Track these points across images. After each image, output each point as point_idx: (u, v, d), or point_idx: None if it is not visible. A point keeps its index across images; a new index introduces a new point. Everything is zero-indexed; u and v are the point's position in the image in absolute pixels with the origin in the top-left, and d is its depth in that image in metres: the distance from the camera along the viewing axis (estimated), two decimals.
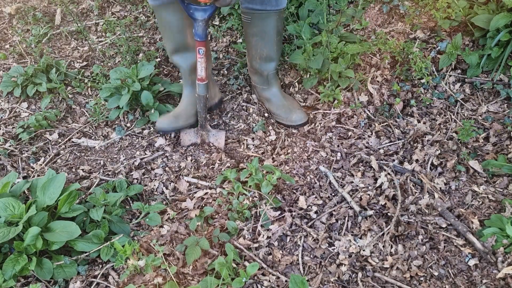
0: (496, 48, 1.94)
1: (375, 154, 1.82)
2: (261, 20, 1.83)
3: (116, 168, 1.90)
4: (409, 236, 1.54)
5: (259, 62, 1.99)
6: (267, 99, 2.09)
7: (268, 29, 1.86)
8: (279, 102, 2.06)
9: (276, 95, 2.07)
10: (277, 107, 2.06)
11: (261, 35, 1.88)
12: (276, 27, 1.86)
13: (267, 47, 1.93)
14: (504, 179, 1.67)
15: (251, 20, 1.84)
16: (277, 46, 1.93)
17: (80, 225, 1.54)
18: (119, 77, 2.07)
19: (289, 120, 2.02)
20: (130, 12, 2.77)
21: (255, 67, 2.02)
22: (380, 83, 2.09)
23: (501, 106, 1.93)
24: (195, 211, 1.63)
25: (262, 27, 1.85)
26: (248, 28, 1.88)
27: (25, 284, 1.47)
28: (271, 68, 2.00)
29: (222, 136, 1.97)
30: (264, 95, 2.10)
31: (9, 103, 2.28)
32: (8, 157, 1.97)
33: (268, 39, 1.89)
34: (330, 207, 1.65)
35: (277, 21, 1.84)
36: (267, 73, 2.02)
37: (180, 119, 1.99)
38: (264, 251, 1.51)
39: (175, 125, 1.98)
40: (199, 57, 1.72)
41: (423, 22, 2.21)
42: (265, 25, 1.84)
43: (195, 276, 1.44)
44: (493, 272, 1.41)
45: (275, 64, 1.99)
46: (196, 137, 1.98)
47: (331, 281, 1.43)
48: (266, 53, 1.95)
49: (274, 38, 1.89)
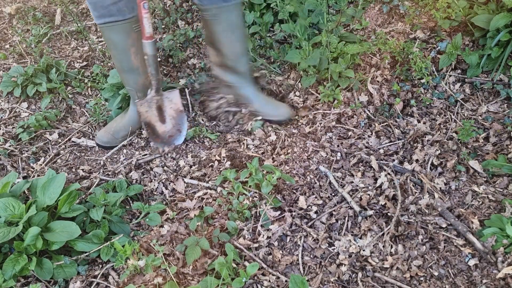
0: (496, 48, 1.94)
1: (375, 154, 1.82)
2: (229, 13, 1.78)
3: (116, 168, 1.90)
4: (409, 236, 1.54)
5: (233, 59, 1.93)
6: (247, 97, 2.04)
7: (237, 22, 1.82)
8: (262, 99, 2.04)
9: (256, 91, 2.05)
10: (262, 104, 2.03)
11: (232, 29, 1.82)
12: (242, 19, 1.85)
13: (239, 41, 1.88)
14: (504, 179, 1.67)
15: (218, 16, 1.78)
16: (246, 38, 1.91)
17: (80, 225, 1.54)
18: (116, 81, 2.07)
19: (279, 115, 2.00)
20: None
21: (229, 65, 1.96)
22: (380, 83, 2.09)
23: (501, 106, 1.93)
24: (195, 211, 1.63)
25: (231, 21, 1.80)
26: (215, 25, 1.82)
27: (25, 284, 1.47)
28: (246, 62, 1.97)
29: (176, 95, 1.92)
30: (244, 93, 2.04)
31: (9, 103, 2.28)
32: (8, 157, 1.97)
33: (239, 32, 1.85)
34: (330, 207, 1.65)
35: (241, 12, 1.82)
36: (243, 69, 1.97)
37: (119, 137, 1.99)
38: (264, 251, 1.51)
39: (114, 143, 2.00)
40: (144, 12, 1.66)
41: (423, 22, 2.21)
42: (234, 18, 1.80)
43: (195, 276, 1.44)
44: (493, 272, 1.41)
45: (247, 57, 1.97)
46: (151, 105, 1.90)
47: (331, 281, 1.43)
48: (239, 48, 1.89)
49: (243, 30, 1.87)
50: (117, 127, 2.00)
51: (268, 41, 2.38)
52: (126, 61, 1.81)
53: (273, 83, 2.19)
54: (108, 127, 2.03)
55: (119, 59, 1.82)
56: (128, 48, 1.77)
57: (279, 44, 2.41)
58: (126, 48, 1.77)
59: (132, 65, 1.82)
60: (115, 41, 1.76)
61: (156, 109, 1.90)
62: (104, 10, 1.65)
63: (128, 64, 1.82)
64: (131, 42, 1.76)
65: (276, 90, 2.17)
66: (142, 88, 1.90)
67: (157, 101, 1.90)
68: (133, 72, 1.85)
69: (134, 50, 1.78)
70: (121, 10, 1.67)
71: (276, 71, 2.29)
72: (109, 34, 1.74)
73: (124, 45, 1.76)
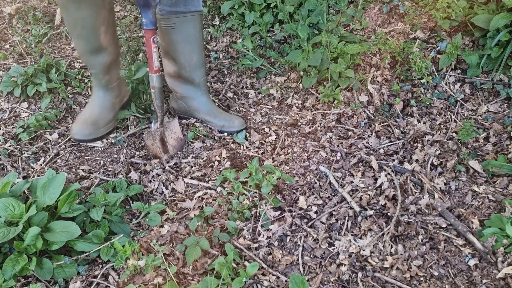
0: (496, 48, 1.94)
1: (375, 154, 1.82)
2: (187, 23, 1.77)
3: (116, 168, 1.90)
4: (409, 236, 1.54)
5: (189, 70, 1.91)
6: (199, 109, 2.03)
7: (194, 32, 1.81)
8: (216, 111, 2.03)
9: (209, 102, 2.03)
10: (215, 115, 2.02)
11: (188, 40, 1.81)
12: (201, 30, 1.83)
13: (196, 52, 1.86)
14: (504, 179, 1.67)
15: (176, 26, 1.76)
16: (203, 49, 1.90)
17: (80, 225, 1.54)
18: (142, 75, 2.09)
19: (232, 127, 2.00)
20: (130, 12, 2.77)
21: (184, 76, 1.94)
22: (380, 83, 2.09)
23: (501, 106, 1.93)
24: (195, 211, 1.63)
25: (189, 31, 1.79)
26: (172, 35, 1.79)
27: (25, 284, 1.46)
28: (202, 73, 1.95)
29: (176, 124, 1.92)
30: (196, 104, 2.03)
31: (9, 103, 2.27)
32: (8, 157, 1.97)
33: (196, 43, 1.84)
34: (330, 207, 1.65)
35: (200, 23, 1.81)
36: (199, 80, 1.95)
37: (100, 126, 1.87)
38: (264, 251, 1.51)
39: (97, 134, 1.87)
40: (153, 47, 1.65)
41: (423, 22, 2.21)
42: (191, 28, 1.78)
43: (195, 276, 1.44)
44: (493, 272, 1.41)
45: (205, 68, 1.95)
46: (155, 137, 1.88)
47: (331, 281, 1.43)
48: (196, 59, 1.88)
49: (201, 42, 1.85)
50: (94, 116, 1.87)
51: (268, 41, 2.38)
52: (95, 41, 1.69)
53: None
54: (83, 119, 1.87)
55: (87, 39, 1.68)
56: (99, 27, 1.65)
57: (279, 44, 2.41)
58: (96, 26, 1.65)
59: (101, 45, 1.71)
60: (84, 18, 1.61)
61: (159, 140, 1.88)
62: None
63: (97, 44, 1.70)
64: (102, 20, 1.65)
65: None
66: (109, 69, 1.82)
67: (160, 132, 1.88)
68: (102, 53, 1.74)
69: (104, 29, 1.67)
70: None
71: (276, 71, 2.29)
72: (76, 11, 1.59)
73: (94, 23, 1.64)
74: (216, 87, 2.31)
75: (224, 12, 2.48)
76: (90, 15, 1.61)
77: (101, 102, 1.89)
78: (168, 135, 1.92)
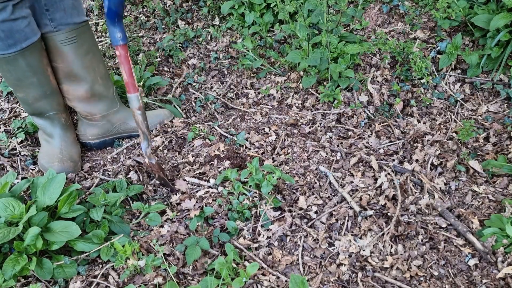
0: (496, 48, 1.94)
1: (375, 154, 1.82)
2: (86, 33, 1.67)
3: (116, 168, 1.90)
4: (409, 236, 1.54)
5: (102, 83, 1.79)
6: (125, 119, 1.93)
7: (94, 41, 1.72)
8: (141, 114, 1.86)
9: (126, 110, 1.93)
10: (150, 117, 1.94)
11: (93, 50, 1.71)
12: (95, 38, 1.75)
13: (101, 61, 1.77)
14: (504, 179, 1.67)
15: (77, 39, 1.64)
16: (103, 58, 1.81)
17: (80, 225, 1.54)
18: None
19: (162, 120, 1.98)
20: (130, 12, 2.77)
21: (99, 91, 1.80)
22: (380, 83, 2.09)
23: (501, 106, 1.93)
24: (195, 211, 1.63)
25: (90, 41, 1.70)
26: (76, 50, 1.66)
27: (25, 284, 1.46)
28: (111, 83, 1.86)
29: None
30: (120, 116, 1.92)
31: (9, 103, 2.27)
32: (8, 157, 1.97)
33: (98, 52, 1.75)
34: (330, 207, 1.65)
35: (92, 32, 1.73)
36: (113, 90, 1.86)
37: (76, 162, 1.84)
38: (264, 251, 1.51)
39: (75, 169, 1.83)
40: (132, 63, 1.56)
41: (423, 22, 2.21)
42: (91, 37, 1.70)
43: (195, 276, 1.44)
44: (493, 272, 1.41)
45: (110, 78, 1.86)
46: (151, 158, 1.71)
47: (331, 281, 1.43)
48: (103, 68, 1.78)
49: (100, 50, 1.77)
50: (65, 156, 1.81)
51: (268, 41, 2.38)
52: (47, 84, 1.68)
53: None
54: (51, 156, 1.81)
55: (41, 85, 1.66)
56: (46, 68, 1.65)
57: (279, 44, 2.41)
58: (44, 69, 1.64)
59: (52, 86, 1.70)
60: (33, 66, 1.59)
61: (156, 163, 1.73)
62: (20, 35, 1.51)
63: (49, 86, 1.69)
64: (46, 61, 1.64)
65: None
66: (65, 107, 1.80)
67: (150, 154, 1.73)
68: (55, 94, 1.72)
69: (50, 70, 1.66)
70: (34, 29, 1.56)
71: (276, 71, 2.29)
72: (25, 60, 1.56)
73: (42, 66, 1.63)
74: (216, 87, 2.31)
75: (224, 12, 2.48)
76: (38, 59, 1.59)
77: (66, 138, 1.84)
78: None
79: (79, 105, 1.83)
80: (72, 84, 1.75)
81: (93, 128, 1.92)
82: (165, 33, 2.62)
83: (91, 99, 1.81)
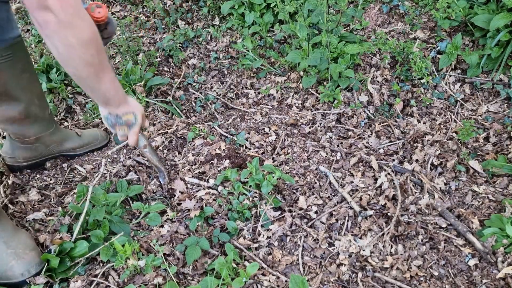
0: (496, 48, 1.94)
1: (375, 154, 1.82)
2: (22, 47, 1.49)
3: (116, 168, 1.90)
4: (409, 236, 1.54)
5: (38, 103, 1.63)
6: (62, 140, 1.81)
7: (29, 58, 1.55)
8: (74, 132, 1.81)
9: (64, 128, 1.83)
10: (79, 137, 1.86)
11: (29, 67, 1.53)
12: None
13: (36, 79, 1.60)
14: (504, 179, 1.67)
15: (13, 56, 1.44)
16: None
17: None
18: None
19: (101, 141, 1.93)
20: (130, 12, 2.77)
21: (35, 112, 1.63)
22: (380, 83, 2.09)
23: (501, 106, 1.93)
24: (195, 211, 1.63)
25: (26, 57, 1.52)
26: (12, 68, 1.46)
27: None
28: (47, 103, 1.70)
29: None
30: (56, 138, 1.79)
31: None
32: None
33: (33, 69, 1.57)
34: (330, 207, 1.65)
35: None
36: (49, 110, 1.71)
37: (36, 247, 1.47)
38: (264, 251, 1.51)
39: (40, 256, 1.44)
40: None
41: (423, 22, 2.21)
42: (26, 53, 1.53)
43: (195, 276, 1.44)
44: (493, 272, 1.41)
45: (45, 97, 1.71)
46: None
47: (331, 281, 1.43)
48: (39, 87, 1.62)
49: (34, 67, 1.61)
50: (13, 249, 1.41)
51: (268, 41, 2.38)
52: None
53: None
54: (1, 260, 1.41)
55: None
56: None
57: (279, 44, 2.41)
58: None
59: None
60: None
61: None
62: None
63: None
64: None
65: None
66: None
67: None
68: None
69: None
70: None
71: (276, 71, 2.29)
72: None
73: None
74: (216, 87, 2.31)
75: (224, 12, 2.48)
76: None
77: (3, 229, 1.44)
78: None
79: (10, 127, 1.65)
80: (2, 104, 1.54)
81: (25, 151, 1.75)
82: (165, 33, 2.62)
83: (25, 120, 1.62)
